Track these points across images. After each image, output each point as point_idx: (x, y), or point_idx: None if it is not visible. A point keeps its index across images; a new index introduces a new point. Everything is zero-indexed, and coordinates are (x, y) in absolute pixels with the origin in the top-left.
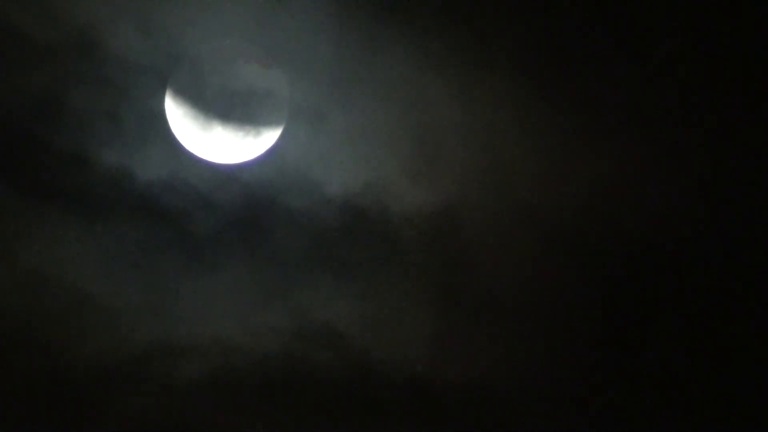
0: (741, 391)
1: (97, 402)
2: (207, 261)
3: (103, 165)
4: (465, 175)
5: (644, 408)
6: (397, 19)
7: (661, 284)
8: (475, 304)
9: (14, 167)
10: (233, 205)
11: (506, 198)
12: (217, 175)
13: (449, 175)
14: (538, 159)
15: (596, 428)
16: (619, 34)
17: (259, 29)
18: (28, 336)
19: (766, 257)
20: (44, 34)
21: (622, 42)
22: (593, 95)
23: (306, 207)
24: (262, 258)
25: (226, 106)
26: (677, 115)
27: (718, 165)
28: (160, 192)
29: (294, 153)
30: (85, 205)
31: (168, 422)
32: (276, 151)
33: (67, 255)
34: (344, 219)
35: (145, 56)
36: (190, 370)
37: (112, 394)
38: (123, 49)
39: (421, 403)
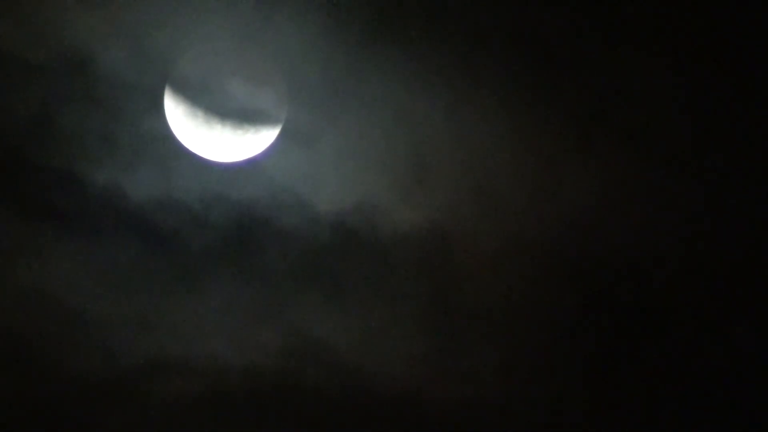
0: (732, 404)
1: (89, 418)
2: (199, 279)
3: (96, 184)
4: (455, 194)
5: (634, 423)
6: (386, 39)
7: (651, 303)
8: (464, 321)
9: (8, 187)
10: (225, 223)
11: (496, 217)
12: (214, 176)
13: (439, 195)
14: (528, 178)
15: None
16: (608, 55)
17: (250, 49)
18: (20, 352)
19: (751, 272)
20: (36, 55)
21: (612, 63)
22: (583, 115)
23: (297, 226)
24: (253, 276)
25: (218, 121)
26: (667, 136)
27: (707, 187)
28: (152, 211)
29: (285, 172)
30: (79, 223)
31: None
32: (267, 171)
33: (60, 273)
34: (335, 238)
35: (138, 76)
36: (182, 386)
37: (104, 410)
38: (115, 68)
39: (411, 419)
